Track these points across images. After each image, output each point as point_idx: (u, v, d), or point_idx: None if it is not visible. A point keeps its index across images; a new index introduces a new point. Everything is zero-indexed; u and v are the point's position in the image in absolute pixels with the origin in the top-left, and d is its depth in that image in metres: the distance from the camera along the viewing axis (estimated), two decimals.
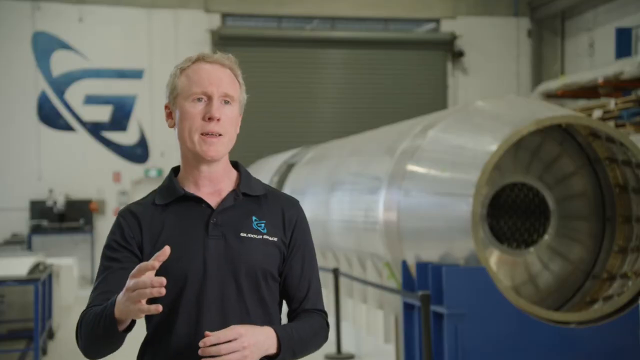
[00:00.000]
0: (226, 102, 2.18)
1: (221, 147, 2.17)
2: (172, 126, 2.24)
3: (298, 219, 2.27)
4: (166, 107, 2.25)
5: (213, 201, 2.20)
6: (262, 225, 2.20)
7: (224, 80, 2.18)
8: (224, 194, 2.22)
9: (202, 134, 2.15)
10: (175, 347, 2.14)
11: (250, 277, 2.16)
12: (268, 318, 2.20)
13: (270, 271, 2.20)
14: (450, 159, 5.86)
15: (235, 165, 2.30)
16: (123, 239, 2.20)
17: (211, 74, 2.18)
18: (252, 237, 2.18)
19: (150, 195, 2.28)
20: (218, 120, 2.15)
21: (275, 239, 2.20)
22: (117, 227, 2.23)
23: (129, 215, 2.24)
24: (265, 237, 2.19)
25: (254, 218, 2.20)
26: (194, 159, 2.19)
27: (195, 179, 2.21)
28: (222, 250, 2.15)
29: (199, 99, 2.16)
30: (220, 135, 2.16)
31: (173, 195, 2.22)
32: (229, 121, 2.18)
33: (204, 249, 2.15)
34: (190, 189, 2.21)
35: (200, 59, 2.21)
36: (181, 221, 2.19)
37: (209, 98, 2.16)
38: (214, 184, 2.22)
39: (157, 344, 2.18)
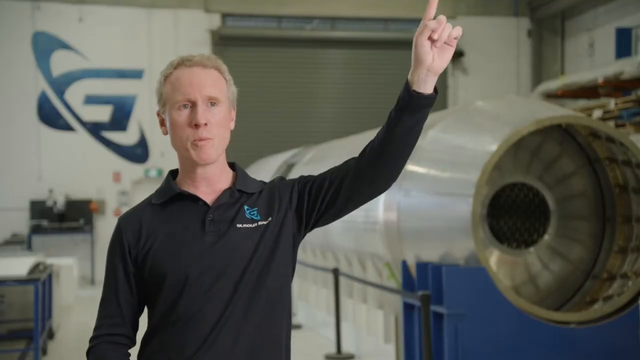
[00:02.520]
0: (212, 104, 2.18)
1: (212, 150, 2.17)
2: (165, 133, 2.26)
3: (281, 183, 2.28)
4: (158, 114, 2.28)
5: (209, 199, 2.22)
6: (255, 212, 2.22)
7: (207, 83, 2.18)
8: (221, 192, 2.24)
9: (192, 141, 2.16)
10: (178, 343, 2.16)
11: (250, 268, 2.17)
12: (277, 308, 2.20)
13: (271, 257, 2.19)
14: (450, 159, 5.86)
15: (232, 166, 2.31)
16: (120, 249, 2.24)
17: (192, 78, 2.17)
18: (247, 227, 2.19)
19: (147, 198, 2.31)
20: (205, 125, 2.15)
21: (270, 218, 2.21)
22: (116, 234, 2.27)
23: (127, 220, 2.26)
24: (259, 223, 2.20)
25: (245, 207, 2.22)
26: (189, 163, 2.22)
27: (193, 180, 2.23)
28: (219, 245, 2.17)
29: (184, 106, 2.17)
30: (210, 139, 2.16)
31: (169, 194, 2.24)
32: (217, 123, 2.18)
33: (201, 246, 2.17)
34: (188, 189, 2.24)
35: (181, 63, 2.21)
36: (178, 219, 2.21)
37: (193, 104, 2.16)
38: (211, 184, 2.24)
39: (158, 340, 2.20)
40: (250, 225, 2.19)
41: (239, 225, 2.19)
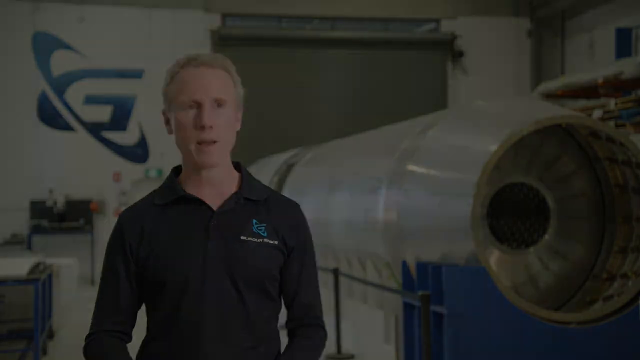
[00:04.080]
0: (219, 105, 2.15)
1: (217, 155, 2.14)
2: (170, 132, 2.22)
3: (299, 224, 2.26)
4: (163, 113, 2.24)
5: (214, 203, 2.18)
6: (262, 228, 2.18)
7: (214, 84, 2.14)
8: (226, 196, 2.20)
9: (197, 143, 2.13)
10: (177, 348, 2.14)
11: (250, 280, 2.15)
12: (274, 319, 2.21)
13: (272, 273, 2.19)
14: (450, 159, 5.86)
15: (237, 166, 2.28)
16: (121, 247, 2.20)
17: (199, 79, 2.14)
18: (251, 240, 2.16)
19: (149, 196, 2.26)
20: (211, 127, 2.12)
21: (276, 242, 2.19)
22: (117, 231, 2.23)
23: (129, 218, 2.23)
24: (265, 240, 2.17)
25: (254, 221, 2.19)
26: (194, 165, 2.18)
27: (197, 182, 2.20)
28: (222, 252, 2.14)
29: (190, 107, 2.13)
30: (215, 142, 2.13)
31: (173, 196, 2.20)
32: (223, 125, 2.15)
33: (203, 251, 2.14)
34: (192, 191, 2.20)
35: (187, 63, 2.17)
36: (181, 222, 2.18)
37: (199, 105, 2.13)
38: (216, 187, 2.20)
39: (158, 345, 2.18)
40: (255, 240, 2.16)
41: (243, 237, 2.16)
